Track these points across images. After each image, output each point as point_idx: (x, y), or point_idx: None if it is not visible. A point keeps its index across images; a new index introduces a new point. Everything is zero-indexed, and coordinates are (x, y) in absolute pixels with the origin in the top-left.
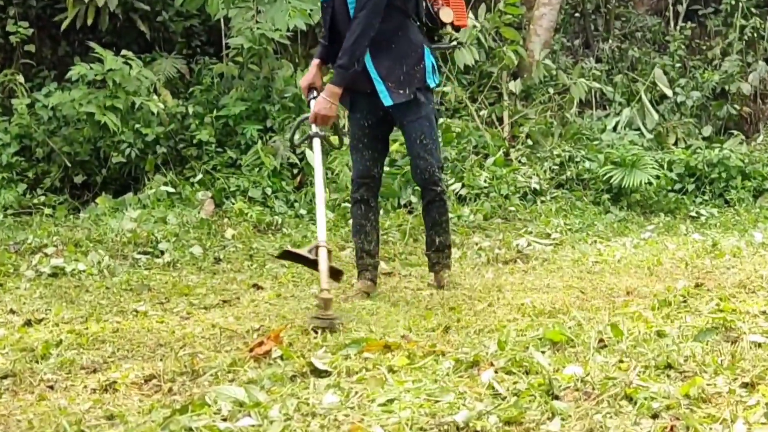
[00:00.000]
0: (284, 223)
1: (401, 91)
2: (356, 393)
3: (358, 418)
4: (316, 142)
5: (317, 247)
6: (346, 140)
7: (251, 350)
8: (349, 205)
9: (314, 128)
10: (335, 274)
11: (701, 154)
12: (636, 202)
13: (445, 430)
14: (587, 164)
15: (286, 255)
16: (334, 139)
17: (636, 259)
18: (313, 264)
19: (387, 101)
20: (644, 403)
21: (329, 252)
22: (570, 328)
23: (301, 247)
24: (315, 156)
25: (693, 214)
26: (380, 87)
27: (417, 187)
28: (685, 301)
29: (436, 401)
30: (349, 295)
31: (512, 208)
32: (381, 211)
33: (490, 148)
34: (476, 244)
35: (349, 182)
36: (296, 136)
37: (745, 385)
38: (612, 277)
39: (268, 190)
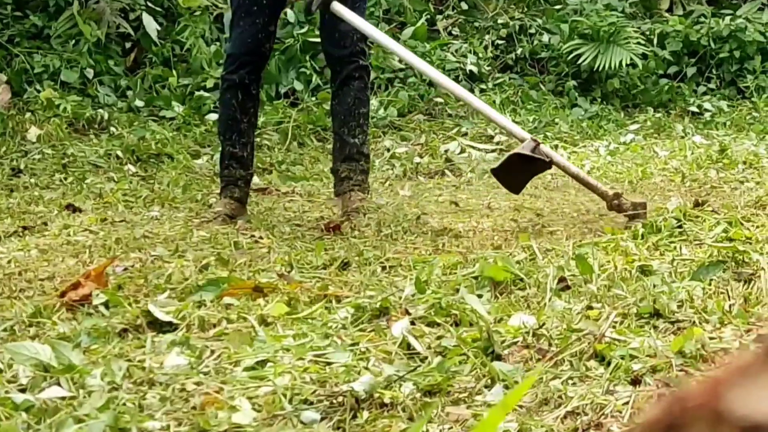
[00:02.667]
0: (113, 120)
1: None
2: (213, 353)
3: (214, 388)
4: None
5: (537, 144)
6: None
7: (63, 295)
8: (205, 94)
9: None
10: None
11: (705, 24)
12: (614, 91)
13: (339, 403)
14: (545, 38)
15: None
16: None
17: (613, 170)
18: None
19: None
20: (621, 364)
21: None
22: (519, 263)
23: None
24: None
25: (693, 108)
26: None
27: (322, 64)
28: (680, 227)
29: (328, 363)
30: (206, 218)
31: (439, 100)
32: None
33: (408, 13)
34: (388, 149)
35: (205, 62)
36: None
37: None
38: (579, 195)
39: (89, 73)
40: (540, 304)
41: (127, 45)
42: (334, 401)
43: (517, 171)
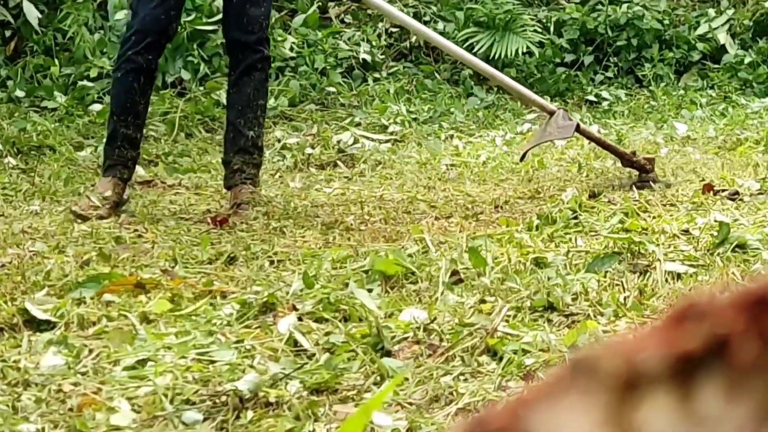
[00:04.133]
0: None
1: None
2: (92, 352)
3: (92, 389)
4: None
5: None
6: None
7: None
8: (88, 83)
9: None
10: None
11: (603, 11)
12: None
13: (222, 403)
14: (440, 25)
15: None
16: None
17: (509, 161)
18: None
19: None
20: (513, 359)
21: None
22: (411, 256)
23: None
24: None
25: (591, 97)
26: None
27: (210, 53)
28: (575, 218)
29: (211, 362)
30: (82, 205)
31: (331, 89)
32: None
33: (299, 0)
34: (278, 140)
35: (88, 50)
36: None
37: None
38: (474, 186)
39: None
40: (432, 299)
41: (7, 33)
42: (217, 401)
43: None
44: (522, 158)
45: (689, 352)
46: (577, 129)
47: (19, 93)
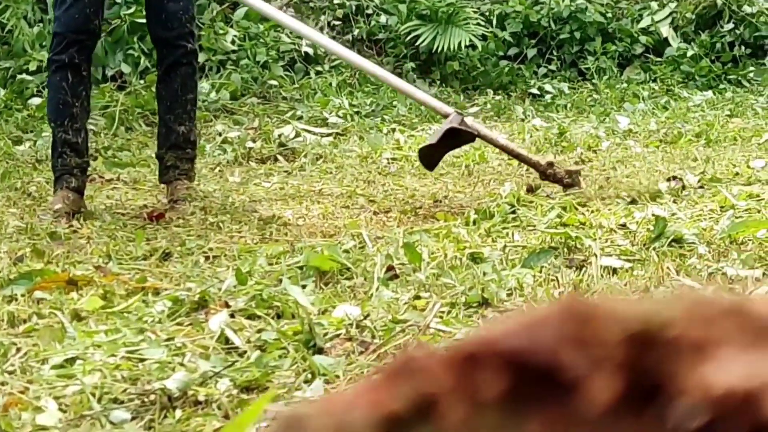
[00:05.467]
0: None
1: None
2: (20, 350)
3: (19, 388)
4: None
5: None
6: None
7: None
8: (27, 77)
9: None
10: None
11: (546, 5)
12: (453, 73)
13: (150, 402)
14: (383, 18)
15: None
16: None
17: (450, 154)
18: (461, 138)
19: None
20: None
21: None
22: (348, 251)
23: None
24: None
25: (534, 90)
26: None
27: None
28: (514, 212)
29: (141, 360)
30: (42, 216)
31: (273, 82)
32: None
33: None
34: (219, 134)
35: (27, 44)
36: None
37: None
38: (414, 180)
39: None
40: (367, 294)
41: None
42: (146, 400)
43: (442, 147)
44: (431, 168)
45: (396, 412)
46: (479, 135)
47: None
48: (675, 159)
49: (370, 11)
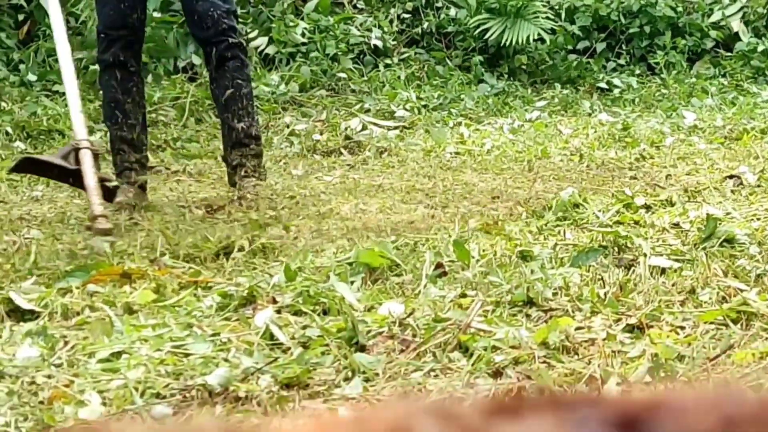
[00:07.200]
0: (4, 94)
1: None
2: (68, 344)
3: (64, 381)
4: None
5: (76, 150)
6: None
7: None
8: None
9: None
10: (108, 190)
11: None
12: (521, 67)
13: (191, 397)
14: (452, 12)
15: (26, 165)
16: None
17: (513, 150)
18: (71, 175)
19: None
20: (483, 356)
21: (96, 155)
22: (399, 248)
23: (48, 152)
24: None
25: (603, 84)
26: None
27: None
28: (577, 207)
29: (186, 355)
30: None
31: (342, 75)
32: (149, 78)
33: None
34: (287, 126)
35: None
36: None
37: (630, 328)
38: (474, 176)
39: None
40: (414, 292)
41: (20, 17)
42: (187, 395)
43: (44, 168)
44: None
45: None
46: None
47: (31, 77)
48: (737, 156)
49: (439, 4)
